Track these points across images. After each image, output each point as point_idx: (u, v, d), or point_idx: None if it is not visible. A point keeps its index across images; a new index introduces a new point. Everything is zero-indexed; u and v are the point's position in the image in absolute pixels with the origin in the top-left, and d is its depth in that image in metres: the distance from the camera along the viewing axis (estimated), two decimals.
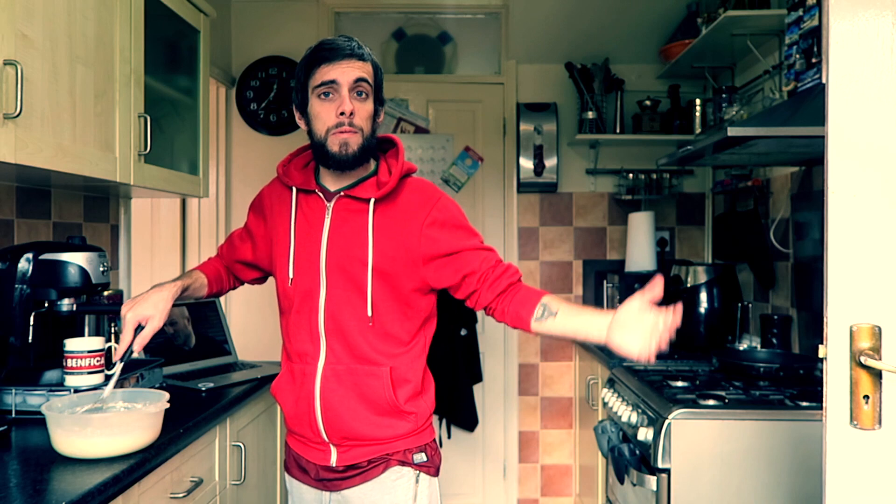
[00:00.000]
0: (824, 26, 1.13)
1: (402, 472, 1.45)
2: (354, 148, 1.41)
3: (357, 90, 1.41)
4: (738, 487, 1.74)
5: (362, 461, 1.45)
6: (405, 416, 1.45)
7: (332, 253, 1.44)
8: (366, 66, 1.44)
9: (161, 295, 1.47)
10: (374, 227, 1.43)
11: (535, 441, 3.47)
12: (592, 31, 3.28)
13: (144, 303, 1.44)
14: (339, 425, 1.44)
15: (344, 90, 1.40)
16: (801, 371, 2.08)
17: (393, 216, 1.44)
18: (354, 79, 1.40)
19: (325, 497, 1.50)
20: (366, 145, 1.43)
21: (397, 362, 1.44)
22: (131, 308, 1.43)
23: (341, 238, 1.44)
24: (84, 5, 1.58)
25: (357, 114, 1.41)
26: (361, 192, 1.44)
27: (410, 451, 1.46)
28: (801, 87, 2.07)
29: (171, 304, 1.47)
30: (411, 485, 1.45)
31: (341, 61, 1.40)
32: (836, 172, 1.11)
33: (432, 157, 3.40)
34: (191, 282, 1.58)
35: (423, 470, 1.47)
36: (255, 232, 1.61)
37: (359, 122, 1.41)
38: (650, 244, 3.14)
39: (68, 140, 1.51)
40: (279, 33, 3.32)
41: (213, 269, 1.67)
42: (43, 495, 1.11)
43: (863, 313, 1.10)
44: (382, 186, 1.43)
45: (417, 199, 1.45)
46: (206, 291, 1.64)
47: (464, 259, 1.44)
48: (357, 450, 1.45)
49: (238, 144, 3.34)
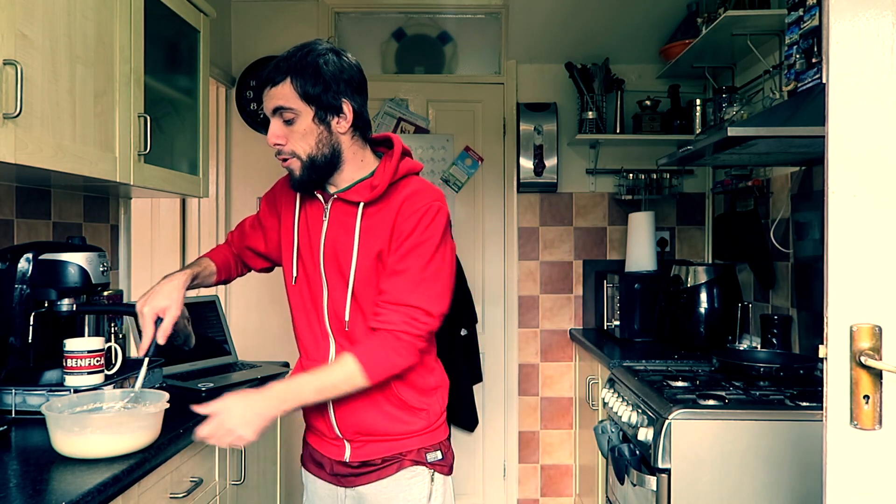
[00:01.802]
0: (824, 26, 1.13)
1: (417, 472, 1.46)
2: (298, 173, 1.42)
3: (282, 118, 1.40)
4: (738, 487, 1.74)
5: (376, 458, 1.46)
6: (416, 413, 1.46)
7: (328, 254, 1.45)
8: (280, 90, 1.38)
9: (173, 284, 1.47)
10: (360, 230, 1.42)
11: (535, 441, 3.47)
12: (592, 31, 3.28)
13: (158, 294, 1.45)
14: (352, 420, 1.45)
15: (273, 120, 1.40)
16: (801, 371, 2.08)
17: (380, 217, 1.42)
18: (272, 109, 1.40)
19: (340, 493, 1.52)
20: (311, 164, 1.41)
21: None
22: (146, 302, 1.44)
23: (335, 240, 1.45)
24: (84, 5, 1.58)
25: (288, 139, 1.40)
26: (353, 195, 1.44)
27: (425, 449, 1.46)
28: (801, 87, 2.07)
29: (184, 293, 1.48)
30: (426, 483, 1.46)
31: (265, 91, 1.40)
32: (836, 172, 1.11)
33: (432, 157, 3.40)
34: (200, 269, 1.59)
35: (438, 469, 1.47)
36: (267, 223, 1.62)
37: (289, 149, 1.40)
38: (650, 244, 3.14)
39: (68, 140, 1.51)
40: (279, 33, 3.32)
41: (222, 256, 1.68)
42: (43, 495, 1.11)
43: (863, 313, 1.10)
44: (373, 189, 1.42)
45: (402, 202, 1.41)
46: (214, 279, 1.64)
47: (386, 274, 1.40)
48: (371, 445, 1.46)
49: (238, 144, 3.34)
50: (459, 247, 3.37)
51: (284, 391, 1.35)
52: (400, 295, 1.37)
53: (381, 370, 1.37)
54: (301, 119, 1.38)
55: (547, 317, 3.47)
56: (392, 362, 1.37)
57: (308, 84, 1.37)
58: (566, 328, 3.47)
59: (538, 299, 3.46)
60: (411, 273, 1.38)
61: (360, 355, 1.35)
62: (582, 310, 3.46)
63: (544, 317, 3.47)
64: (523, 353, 3.47)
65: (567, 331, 3.46)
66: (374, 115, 3.35)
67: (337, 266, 1.44)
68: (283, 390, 1.35)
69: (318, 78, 1.37)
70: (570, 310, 3.47)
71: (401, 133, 3.38)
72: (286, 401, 1.34)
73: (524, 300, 3.46)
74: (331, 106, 1.38)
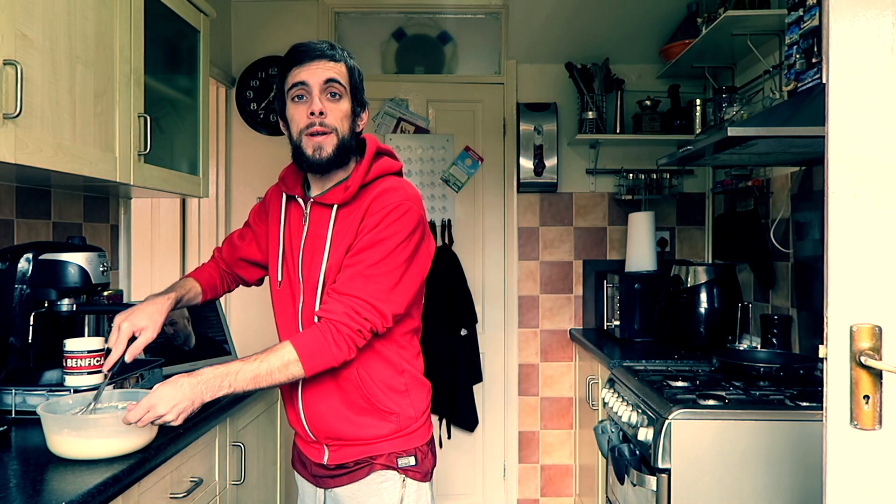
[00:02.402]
0: (824, 26, 1.13)
1: (387, 476, 1.44)
2: (329, 150, 1.40)
3: (329, 91, 1.39)
4: (738, 487, 1.74)
5: (349, 461, 1.46)
6: (385, 416, 1.44)
7: (306, 258, 1.46)
8: (337, 67, 1.41)
9: (156, 307, 1.48)
10: (333, 233, 1.42)
11: (535, 441, 3.47)
12: (592, 31, 3.28)
13: (140, 313, 1.46)
14: (322, 426, 1.46)
15: (315, 91, 1.38)
16: (801, 371, 2.08)
17: (351, 218, 1.41)
18: (325, 79, 1.39)
19: (320, 494, 1.53)
20: (342, 146, 1.41)
21: (368, 362, 1.42)
22: (127, 318, 1.45)
23: (311, 244, 1.45)
24: (84, 5, 1.58)
25: (330, 114, 1.39)
26: (328, 197, 1.44)
27: (396, 454, 1.44)
28: (801, 87, 2.07)
29: (164, 317, 1.49)
30: (397, 488, 1.44)
31: (311, 62, 1.39)
32: (836, 172, 1.11)
33: (432, 157, 3.40)
34: (184, 292, 1.59)
35: (410, 475, 1.45)
36: (258, 230, 1.63)
37: (332, 122, 1.39)
38: (650, 244, 3.14)
39: (68, 140, 1.51)
40: (279, 33, 3.32)
41: (207, 275, 1.68)
42: (42, 495, 1.11)
43: (863, 313, 1.10)
44: (346, 191, 1.42)
45: (371, 200, 1.40)
46: (200, 300, 1.65)
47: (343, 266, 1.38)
48: (345, 449, 1.46)
49: (238, 144, 3.34)
50: (459, 247, 3.37)
51: (217, 377, 1.29)
52: (347, 286, 1.35)
53: (317, 361, 1.33)
54: (345, 100, 1.42)
55: (547, 317, 3.47)
56: (330, 354, 1.32)
57: (355, 74, 1.45)
58: (566, 328, 3.47)
59: (538, 299, 3.46)
60: (363, 266, 1.35)
61: (297, 344, 1.32)
62: (582, 310, 3.46)
63: (544, 317, 3.47)
64: (523, 353, 3.47)
65: (567, 331, 3.46)
66: (374, 115, 3.36)
67: (311, 268, 1.44)
68: (216, 376, 1.29)
69: (359, 75, 1.46)
70: (570, 310, 3.47)
71: (401, 133, 3.38)
72: (217, 388, 1.28)
73: (524, 300, 3.46)
74: (361, 103, 1.47)
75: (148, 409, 1.25)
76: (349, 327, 1.33)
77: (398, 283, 1.37)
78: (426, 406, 1.51)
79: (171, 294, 1.55)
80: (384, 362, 1.44)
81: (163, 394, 1.26)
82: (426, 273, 1.46)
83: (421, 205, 1.44)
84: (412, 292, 1.42)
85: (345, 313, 1.33)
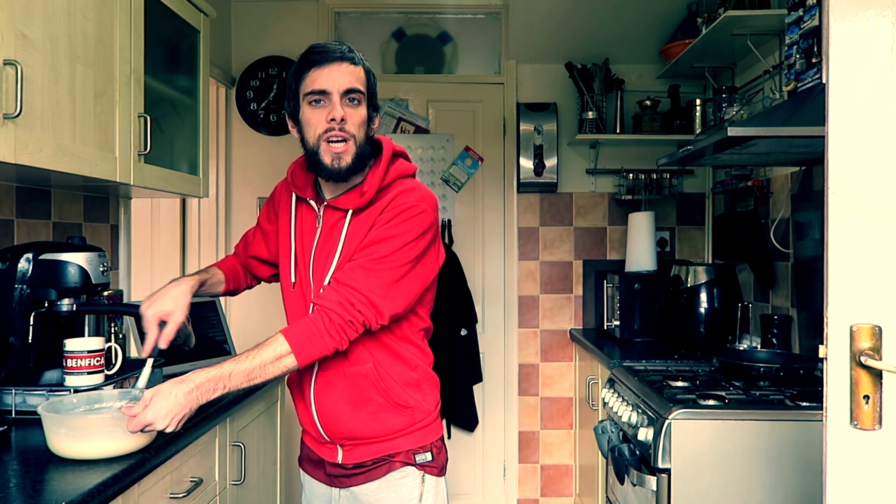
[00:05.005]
0: (824, 26, 1.13)
1: (407, 472, 1.45)
2: (348, 160, 1.39)
3: (349, 98, 1.39)
4: (738, 487, 1.74)
5: (367, 460, 1.46)
6: (401, 410, 1.44)
7: (317, 260, 1.45)
8: (357, 71, 1.40)
9: (180, 289, 1.47)
10: (346, 237, 1.41)
11: (535, 441, 3.47)
12: (592, 31, 3.28)
13: (164, 298, 1.45)
14: (336, 426, 1.46)
15: (335, 97, 1.37)
16: (801, 371, 2.08)
17: (366, 221, 1.41)
18: (345, 88, 1.37)
19: (335, 493, 1.52)
20: (359, 154, 1.40)
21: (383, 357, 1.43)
22: (151, 305, 1.44)
23: (325, 247, 1.45)
24: (84, 5, 1.58)
25: (349, 120, 1.38)
26: (344, 202, 1.43)
27: (413, 451, 1.45)
28: (801, 87, 2.07)
29: (190, 299, 1.47)
30: (417, 484, 1.46)
31: (331, 65, 1.37)
32: (836, 172, 1.11)
33: (432, 157, 3.40)
34: (208, 277, 1.59)
35: (428, 470, 1.47)
36: (268, 229, 1.63)
37: (351, 129, 1.38)
38: (650, 244, 3.14)
39: (68, 140, 1.51)
40: (279, 33, 3.32)
41: (231, 266, 1.68)
42: (43, 495, 1.11)
43: (863, 313, 1.10)
44: (363, 196, 1.41)
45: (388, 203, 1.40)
46: (223, 288, 1.64)
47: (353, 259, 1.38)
48: (360, 448, 1.46)
49: (238, 144, 3.34)
50: (459, 247, 3.37)
51: (211, 381, 1.28)
52: (347, 276, 1.34)
53: (310, 351, 1.31)
54: (363, 106, 1.41)
55: (547, 317, 3.47)
56: (322, 342, 1.31)
57: (371, 78, 1.44)
58: (566, 328, 3.47)
59: (538, 299, 3.46)
60: (367, 259, 1.35)
61: (289, 334, 1.31)
62: (582, 310, 3.46)
63: (544, 317, 3.47)
64: (523, 353, 3.47)
65: (567, 331, 3.46)
66: None
67: (322, 271, 1.44)
68: (209, 380, 1.27)
69: (373, 77, 1.45)
70: (570, 310, 3.47)
71: (401, 133, 3.38)
72: (212, 391, 1.27)
73: (524, 300, 3.46)
74: (376, 107, 1.46)
75: (145, 425, 1.25)
76: (341, 317, 1.32)
77: (399, 280, 1.36)
78: (437, 401, 1.52)
79: (196, 276, 1.54)
80: (397, 358, 1.45)
81: (158, 409, 1.24)
82: (430, 279, 1.45)
83: (436, 208, 1.44)
84: (413, 294, 1.41)
85: (338, 302, 1.32)
